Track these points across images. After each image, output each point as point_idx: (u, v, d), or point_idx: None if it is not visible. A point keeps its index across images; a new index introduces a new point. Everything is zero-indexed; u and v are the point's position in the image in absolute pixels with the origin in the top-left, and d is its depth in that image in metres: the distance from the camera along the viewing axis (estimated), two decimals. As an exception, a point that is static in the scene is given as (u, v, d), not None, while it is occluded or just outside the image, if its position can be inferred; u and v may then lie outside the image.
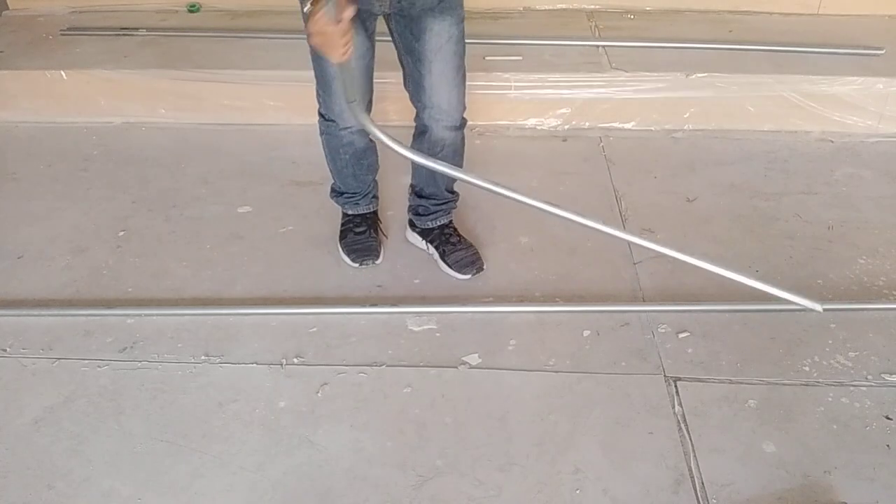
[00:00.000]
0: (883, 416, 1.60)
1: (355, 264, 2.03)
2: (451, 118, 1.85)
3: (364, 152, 1.97)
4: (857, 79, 2.64)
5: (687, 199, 2.33)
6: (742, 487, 1.46)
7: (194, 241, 2.17)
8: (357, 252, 2.04)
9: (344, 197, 2.07)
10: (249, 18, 3.18)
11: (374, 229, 2.10)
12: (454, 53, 1.75)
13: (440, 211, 2.04)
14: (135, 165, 2.55)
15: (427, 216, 2.04)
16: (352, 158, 1.96)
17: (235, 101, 2.75)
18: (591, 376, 1.70)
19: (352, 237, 2.07)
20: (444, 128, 1.86)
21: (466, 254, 2.02)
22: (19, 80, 2.79)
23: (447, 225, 2.07)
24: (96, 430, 1.59)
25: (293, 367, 1.74)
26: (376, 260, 2.04)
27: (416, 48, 1.74)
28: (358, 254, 2.04)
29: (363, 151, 1.96)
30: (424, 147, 1.89)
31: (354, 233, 2.07)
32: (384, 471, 1.50)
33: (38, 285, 2.00)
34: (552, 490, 1.46)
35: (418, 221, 2.07)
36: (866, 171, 2.49)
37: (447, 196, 2.03)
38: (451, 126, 1.86)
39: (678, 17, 3.13)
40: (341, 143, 1.92)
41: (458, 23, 1.73)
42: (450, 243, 2.03)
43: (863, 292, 1.95)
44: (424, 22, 1.69)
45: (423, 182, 2.01)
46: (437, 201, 2.02)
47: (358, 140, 1.92)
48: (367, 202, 2.09)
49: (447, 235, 2.05)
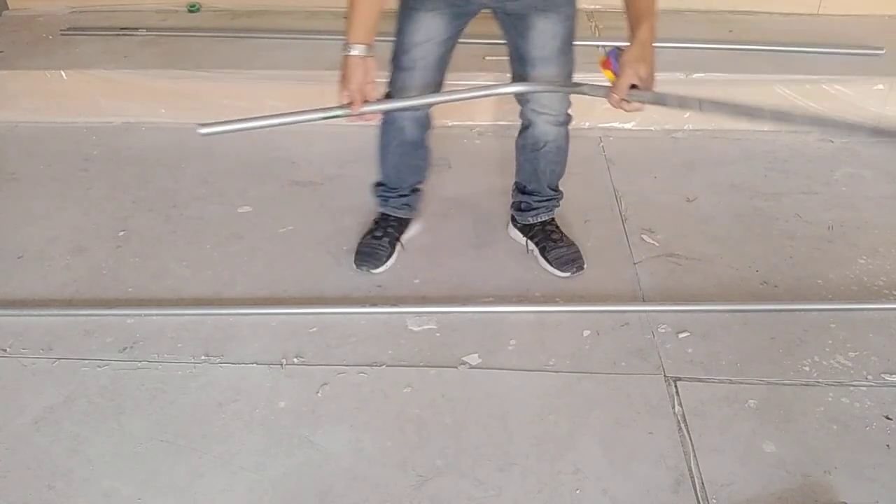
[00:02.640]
0: (883, 416, 1.60)
1: (354, 265, 2.02)
2: (554, 112, 1.83)
3: (411, 146, 1.92)
4: (857, 79, 2.64)
5: (687, 199, 2.33)
6: (742, 487, 1.46)
7: (194, 241, 2.17)
8: (361, 255, 2.02)
9: (380, 189, 2.04)
10: (249, 18, 3.18)
11: (393, 239, 2.05)
12: (560, 52, 1.73)
13: (542, 208, 2.03)
14: (135, 165, 2.55)
15: (528, 212, 2.04)
16: (398, 147, 1.92)
17: (235, 101, 2.75)
18: (591, 376, 1.70)
19: (367, 238, 2.05)
20: (546, 122, 1.85)
21: (568, 251, 2.00)
22: (19, 80, 2.79)
23: (549, 222, 2.06)
24: (96, 430, 1.59)
25: (293, 367, 1.74)
26: (374, 269, 2.00)
27: (521, 46, 1.74)
28: (361, 257, 2.02)
29: (410, 145, 1.91)
30: (529, 143, 1.90)
31: (372, 235, 2.05)
32: (384, 471, 1.50)
33: (38, 285, 2.00)
34: (552, 490, 1.46)
35: (520, 217, 2.07)
36: (866, 171, 2.49)
37: (550, 193, 2.02)
38: (554, 121, 1.85)
39: (678, 17, 3.13)
40: (393, 124, 1.88)
41: (565, 20, 1.71)
42: (551, 240, 2.02)
43: (863, 292, 1.95)
44: (529, 19, 1.68)
45: (526, 179, 2.01)
46: (540, 198, 2.02)
47: (409, 130, 1.87)
48: (398, 205, 2.05)
49: (548, 232, 2.04)
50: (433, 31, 1.72)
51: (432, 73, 1.78)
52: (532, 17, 1.69)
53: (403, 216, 2.08)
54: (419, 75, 1.76)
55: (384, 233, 2.05)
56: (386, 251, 2.03)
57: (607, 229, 2.18)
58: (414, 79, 1.76)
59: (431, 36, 1.72)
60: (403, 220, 2.09)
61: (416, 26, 1.72)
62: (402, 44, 1.75)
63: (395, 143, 1.91)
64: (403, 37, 1.74)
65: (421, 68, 1.75)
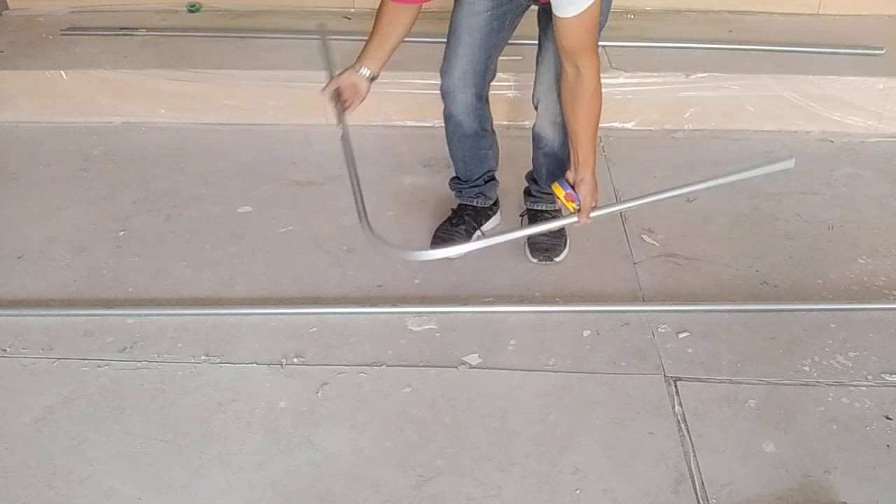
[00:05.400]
0: (883, 416, 1.60)
1: (430, 246, 2.06)
2: (550, 111, 1.84)
3: (473, 138, 1.94)
4: (857, 79, 2.64)
5: (687, 199, 2.33)
6: (742, 487, 1.46)
7: (194, 241, 2.17)
8: (438, 240, 2.07)
9: (455, 181, 2.09)
10: (249, 18, 3.18)
11: (470, 227, 2.09)
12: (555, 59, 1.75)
13: (542, 199, 2.09)
14: (135, 165, 2.55)
15: (530, 197, 2.12)
16: (460, 141, 1.95)
17: (235, 101, 2.75)
18: (591, 376, 1.70)
19: (445, 225, 2.10)
20: (544, 122, 1.88)
21: (547, 241, 2.04)
22: (19, 80, 2.79)
23: (547, 211, 2.10)
24: (96, 430, 1.59)
25: (293, 367, 1.74)
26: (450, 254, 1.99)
27: (540, 38, 1.79)
28: (437, 241, 2.07)
29: (471, 137, 1.94)
30: (534, 136, 1.95)
31: (450, 222, 2.10)
32: (384, 471, 1.50)
33: (38, 285, 2.00)
34: (552, 490, 1.46)
35: (525, 201, 2.14)
36: (866, 171, 2.49)
37: (549, 189, 2.03)
38: (551, 121, 1.86)
39: (678, 17, 3.13)
40: (450, 117, 1.92)
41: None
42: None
43: (863, 292, 1.95)
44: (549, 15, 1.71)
45: (534, 168, 2.06)
46: (539, 189, 2.08)
47: (467, 123, 1.90)
48: (472, 195, 2.08)
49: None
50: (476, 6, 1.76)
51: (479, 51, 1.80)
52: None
53: (479, 205, 2.11)
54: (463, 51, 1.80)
55: (461, 220, 2.09)
56: (462, 238, 2.06)
57: (607, 229, 2.18)
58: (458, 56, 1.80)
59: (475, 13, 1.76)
60: (480, 209, 2.12)
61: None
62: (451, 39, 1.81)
63: (457, 137, 1.95)
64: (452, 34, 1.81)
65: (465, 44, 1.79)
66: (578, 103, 1.62)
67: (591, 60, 1.57)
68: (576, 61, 1.57)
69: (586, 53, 1.56)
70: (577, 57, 1.56)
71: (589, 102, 1.62)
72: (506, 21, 1.80)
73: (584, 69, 1.57)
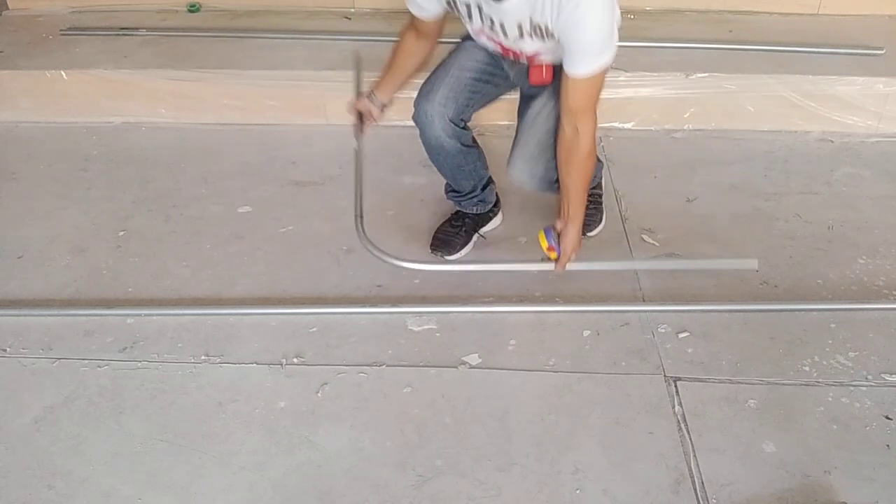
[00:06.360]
0: (883, 416, 1.60)
1: (429, 250, 2.06)
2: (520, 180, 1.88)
3: (456, 155, 1.91)
4: (857, 79, 2.63)
5: (687, 199, 2.33)
6: (742, 487, 1.46)
7: (194, 241, 2.17)
8: (437, 241, 2.07)
9: (451, 193, 2.09)
10: (249, 18, 3.18)
11: (469, 230, 2.10)
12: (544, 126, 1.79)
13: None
14: (135, 165, 2.55)
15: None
16: (445, 160, 1.94)
17: (235, 101, 2.75)
18: (591, 376, 1.71)
19: (444, 226, 2.11)
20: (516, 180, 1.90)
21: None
22: (19, 80, 2.79)
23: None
24: (96, 430, 1.59)
25: (293, 367, 1.74)
26: (448, 255, 2.05)
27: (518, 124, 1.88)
28: (437, 243, 2.07)
29: (454, 154, 1.91)
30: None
31: (450, 224, 2.11)
32: (384, 471, 1.50)
33: (38, 285, 2.00)
34: (552, 490, 1.46)
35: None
36: (866, 171, 2.49)
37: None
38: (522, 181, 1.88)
39: (678, 17, 3.12)
40: (428, 143, 1.89)
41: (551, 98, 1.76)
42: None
43: (863, 292, 1.95)
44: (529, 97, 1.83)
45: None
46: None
47: (448, 144, 1.87)
48: (471, 205, 2.08)
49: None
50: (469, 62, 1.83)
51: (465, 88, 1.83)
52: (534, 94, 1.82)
53: (480, 211, 2.12)
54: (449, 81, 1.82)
55: (462, 223, 2.10)
56: (461, 240, 2.08)
57: (607, 229, 2.18)
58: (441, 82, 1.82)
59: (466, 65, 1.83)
60: (481, 213, 2.13)
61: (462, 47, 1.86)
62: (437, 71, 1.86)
63: (441, 157, 1.93)
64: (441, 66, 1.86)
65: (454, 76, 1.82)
66: (573, 162, 1.71)
67: (590, 122, 1.66)
68: (576, 122, 1.64)
69: (587, 114, 1.65)
70: (579, 117, 1.64)
71: (583, 162, 1.70)
72: (495, 82, 1.86)
73: (582, 130, 1.66)
